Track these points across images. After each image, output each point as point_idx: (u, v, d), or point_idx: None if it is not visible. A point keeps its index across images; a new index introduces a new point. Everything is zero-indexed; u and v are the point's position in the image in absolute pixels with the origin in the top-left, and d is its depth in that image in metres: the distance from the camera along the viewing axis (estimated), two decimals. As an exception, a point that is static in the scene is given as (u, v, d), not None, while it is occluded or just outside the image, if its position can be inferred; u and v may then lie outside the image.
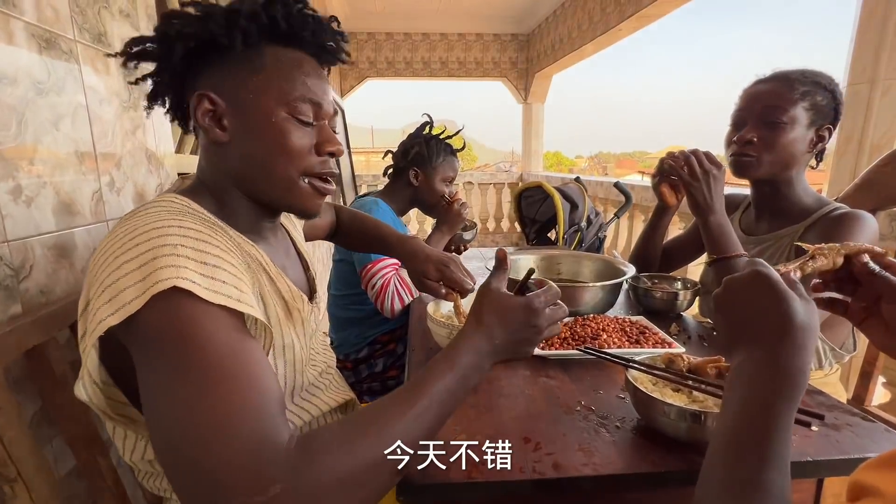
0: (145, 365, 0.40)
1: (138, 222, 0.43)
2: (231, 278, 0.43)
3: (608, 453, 0.52)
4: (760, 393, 0.37)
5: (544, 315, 0.51)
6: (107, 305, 0.39)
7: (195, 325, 0.39)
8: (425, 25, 4.88)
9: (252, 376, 0.39)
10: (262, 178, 0.54)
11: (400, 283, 1.06)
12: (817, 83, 0.84)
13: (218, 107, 0.51)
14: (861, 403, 1.02)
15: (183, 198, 0.52)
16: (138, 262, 0.40)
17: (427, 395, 0.43)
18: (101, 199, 0.84)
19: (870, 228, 0.80)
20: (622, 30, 3.22)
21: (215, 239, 0.45)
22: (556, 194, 1.75)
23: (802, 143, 0.85)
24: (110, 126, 0.87)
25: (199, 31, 0.50)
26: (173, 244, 0.41)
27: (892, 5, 1.32)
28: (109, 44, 0.87)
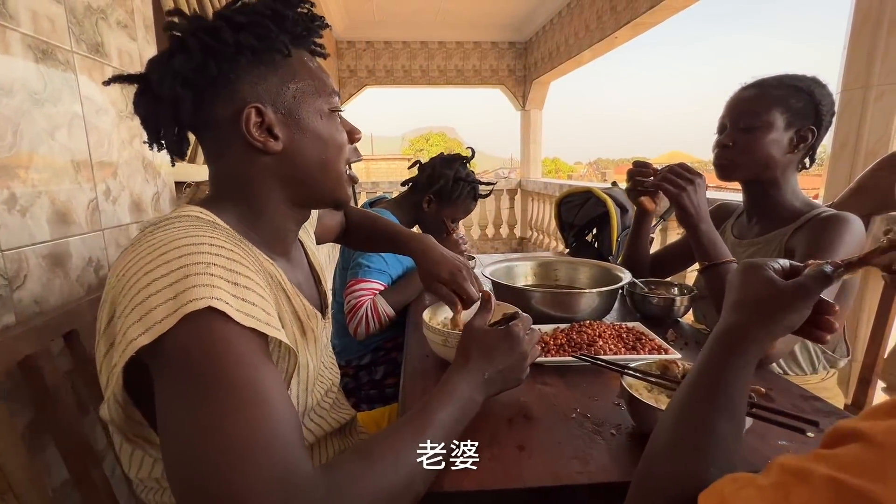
0: (168, 385, 0.38)
1: (167, 236, 0.42)
2: (259, 300, 0.42)
3: (604, 461, 0.51)
4: (717, 350, 0.43)
5: (526, 341, 0.56)
6: (137, 325, 0.37)
7: (226, 347, 0.38)
8: (423, 34, 4.92)
9: (277, 404, 0.39)
10: (320, 176, 0.54)
11: (371, 309, 1.06)
12: (793, 87, 0.86)
13: (266, 117, 0.49)
14: (859, 409, 1.01)
15: (207, 211, 0.50)
16: (170, 280, 0.38)
17: (433, 424, 0.46)
18: (97, 209, 0.84)
19: (856, 230, 0.80)
20: (618, 37, 3.25)
21: (243, 258, 0.44)
22: (608, 199, 1.76)
23: (779, 144, 0.87)
24: (107, 135, 0.87)
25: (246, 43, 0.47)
26: (206, 262, 0.40)
27: (883, 13, 1.33)
28: (107, 54, 0.88)
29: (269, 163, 0.51)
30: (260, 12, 0.49)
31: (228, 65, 0.48)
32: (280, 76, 0.51)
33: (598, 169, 43.51)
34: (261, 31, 0.48)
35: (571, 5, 3.89)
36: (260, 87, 0.49)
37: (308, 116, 0.52)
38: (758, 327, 0.42)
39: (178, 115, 0.49)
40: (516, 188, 4.97)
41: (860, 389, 1.03)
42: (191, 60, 0.47)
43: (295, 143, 0.52)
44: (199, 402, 0.37)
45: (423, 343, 0.82)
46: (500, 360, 0.55)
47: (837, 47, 1.50)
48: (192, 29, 0.48)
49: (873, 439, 0.26)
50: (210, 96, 0.49)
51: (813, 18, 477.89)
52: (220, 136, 0.51)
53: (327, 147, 0.54)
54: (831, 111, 0.87)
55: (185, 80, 0.47)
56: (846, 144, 1.44)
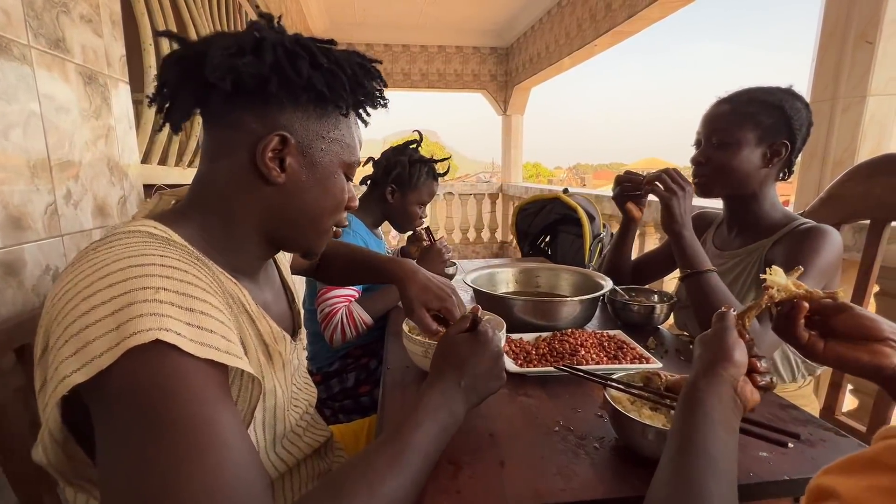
0: (111, 428, 0.34)
1: (110, 255, 0.37)
2: (218, 326, 0.38)
3: (587, 477, 0.50)
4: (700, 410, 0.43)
5: (498, 339, 0.55)
6: (72, 359, 0.33)
7: (178, 384, 0.34)
8: (406, 37, 4.91)
9: (235, 446, 0.35)
10: (304, 223, 0.53)
11: (347, 316, 1.04)
12: (765, 102, 0.87)
13: (287, 148, 0.48)
14: (832, 413, 1.04)
15: (162, 226, 0.46)
16: (111, 307, 0.34)
17: (409, 447, 0.43)
18: (56, 213, 0.79)
19: (834, 242, 0.82)
20: (597, 45, 3.30)
21: (200, 279, 0.40)
22: (578, 206, 1.77)
23: (752, 160, 0.88)
24: (68, 135, 0.82)
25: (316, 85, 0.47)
26: (154, 287, 0.35)
27: (849, 30, 1.38)
28: (68, 50, 0.83)
29: (262, 190, 0.49)
30: (342, 67, 0.49)
31: (287, 92, 0.47)
32: (322, 124, 0.51)
33: (577, 174, 44.24)
34: (334, 84, 0.48)
35: (552, 13, 3.94)
36: (298, 124, 0.49)
37: (324, 168, 0.52)
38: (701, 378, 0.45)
39: (208, 100, 0.46)
40: (497, 192, 4.99)
41: (831, 394, 1.05)
42: (258, 68, 0.45)
43: (299, 184, 0.50)
44: (146, 448, 0.32)
45: (403, 354, 0.80)
46: (474, 365, 0.53)
47: (807, 56, 1.55)
48: (274, 42, 0.46)
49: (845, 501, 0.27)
50: (250, 102, 0.47)
51: (785, 29, 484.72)
52: (231, 140, 0.48)
53: (326, 200, 0.53)
54: (806, 122, 0.88)
55: (240, 78, 0.45)
56: (815, 154, 1.48)
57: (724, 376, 0.44)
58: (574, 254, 1.81)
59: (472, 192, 4.93)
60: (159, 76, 0.48)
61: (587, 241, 1.74)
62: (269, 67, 0.45)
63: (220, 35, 0.47)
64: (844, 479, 0.28)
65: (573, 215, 1.80)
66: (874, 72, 1.34)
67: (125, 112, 1.03)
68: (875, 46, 1.33)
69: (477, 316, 0.58)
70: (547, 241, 1.95)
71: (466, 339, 0.55)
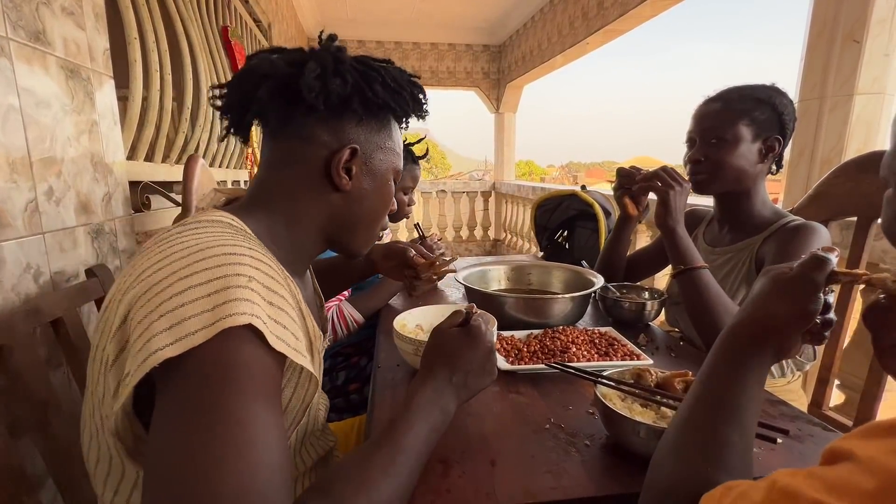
0: (175, 404, 0.34)
1: (202, 241, 0.40)
2: (290, 323, 0.40)
3: (577, 475, 0.50)
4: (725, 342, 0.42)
5: (490, 334, 0.55)
6: (166, 334, 0.34)
7: (249, 373, 0.35)
8: (398, 34, 4.88)
9: (275, 447, 0.35)
10: (362, 228, 0.58)
11: (338, 314, 1.04)
12: (756, 99, 0.88)
13: (354, 160, 0.52)
14: (819, 408, 1.05)
15: (238, 220, 0.48)
16: (208, 289, 0.35)
17: (402, 450, 0.43)
18: (37, 210, 0.77)
19: (823, 239, 0.83)
20: (589, 43, 3.31)
21: (278, 274, 0.42)
22: (594, 202, 1.77)
23: (749, 156, 0.89)
24: (49, 131, 0.80)
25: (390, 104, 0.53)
26: (248, 276, 0.38)
27: (836, 29, 1.39)
28: (49, 43, 0.81)
29: (330, 196, 0.53)
30: (402, 85, 0.54)
31: (365, 109, 0.52)
32: (382, 136, 0.55)
33: (570, 172, 44.43)
34: (400, 101, 0.54)
35: (545, 10, 3.94)
36: (364, 136, 0.53)
37: (381, 175, 0.56)
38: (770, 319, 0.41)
39: (290, 117, 0.51)
40: (490, 190, 4.99)
41: (818, 389, 1.06)
42: (344, 89, 0.49)
43: (362, 192, 0.55)
44: (202, 431, 0.33)
45: (394, 352, 0.79)
46: (466, 361, 0.52)
47: (795, 56, 1.56)
48: (350, 65, 0.51)
49: (863, 461, 0.26)
50: (326, 118, 0.51)
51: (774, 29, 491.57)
52: (304, 152, 0.52)
53: (381, 206, 0.58)
54: (793, 118, 0.90)
55: (329, 100, 0.49)
56: (803, 153, 1.50)
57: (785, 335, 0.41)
58: (590, 248, 1.82)
59: (465, 190, 4.93)
60: (240, 89, 0.51)
61: (602, 235, 1.76)
62: (351, 89, 0.50)
63: (283, 50, 0.52)
64: (862, 443, 0.28)
65: (590, 211, 1.82)
66: (861, 71, 1.36)
67: (109, 107, 1.01)
68: (862, 46, 1.34)
69: (469, 312, 0.58)
70: (564, 235, 1.97)
71: (457, 334, 0.54)
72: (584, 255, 1.75)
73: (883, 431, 0.27)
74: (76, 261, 0.87)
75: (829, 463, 0.29)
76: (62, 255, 0.83)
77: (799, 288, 0.41)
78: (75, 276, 0.86)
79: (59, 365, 0.80)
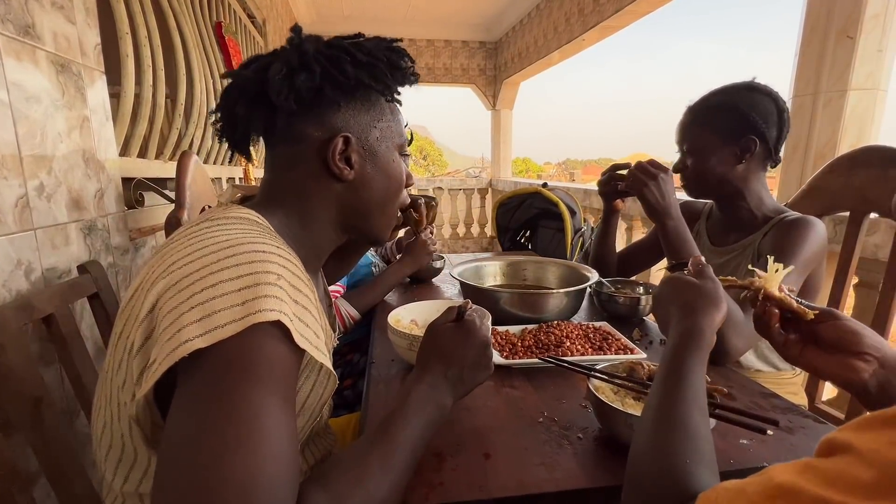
0: (194, 395, 0.35)
1: (231, 237, 0.40)
2: (313, 322, 0.41)
3: (570, 467, 0.50)
4: (676, 350, 0.48)
5: (485, 328, 0.55)
6: (196, 325, 0.35)
7: (270, 368, 0.36)
8: (393, 31, 4.85)
9: (286, 442, 0.36)
10: (376, 212, 0.57)
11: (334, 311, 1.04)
12: (718, 107, 0.90)
13: (350, 147, 0.52)
14: (812, 401, 1.06)
15: (262, 218, 0.49)
16: (239, 284, 0.36)
17: (400, 445, 0.43)
18: (28, 206, 0.76)
19: (819, 233, 0.83)
20: (585, 40, 3.31)
21: (303, 273, 0.43)
22: (559, 201, 1.77)
23: (724, 161, 0.90)
24: (39, 126, 0.80)
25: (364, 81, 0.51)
26: (277, 273, 0.38)
27: (830, 25, 1.40)
28: (39, 37, 0.80)
29: (335, 187, 0.53)
30: (377, 56, 0.52)
31: (342, 94, 0.51)
32: (372, 114, 0.54)
33: (566, 169, 44.45)
34: (376, 74, 0.51)
35: (541, 7, 3.93)
36: (353, 120, 0.52)
37: (384, 155, 0.55)
38: (702, 319, 0.50)
39: (274, 123, 0.50)
40: (487, 187, 4.99)
41: (811, 383, 1.07)
42: (312, 81, 0.48)
43: (366, 176, 0.54)
44: (218, 419, 0.33)
45: (389, 348, 0.79)
46: (461, 356, 0.52)
47: (790, 52, 1.57)
48: (314, 54, 0.49)
49: (861, 452, 0.26)
50: (306, 114, 0.51)
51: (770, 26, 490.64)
52: (300, 152, 0.52)
53: (391, 185, 0.57)
54: (773, 111, 0.87)
55: (300, 96, 0.48)
56: (797, 147, 1.51)
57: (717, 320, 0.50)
58: (554, 248, 1.81)
59: (462, 188, 4.93)
60: (226, 110, 0.52)
61: (568, 235, 1.74)
62: (321, 78, 0.49)
63: (257, 58, 0.51)
64: (861, 434, 0.28)
65: (554, 209, 1.80)
66: (855, 66, 1.36)
67: (101, 103, 1.00)
68: (856, 41, 1.35)
69: (463, 307, 0.58)
70: (527, 235, 1.95)
71: (453, 329, 0.54)
72: (548, 255, 1.75)
73: (880, 423, 0.27)
74: (68, 257, 0.87)
75: (825, 455, 0.29)
76: (54, 252, 0.82)
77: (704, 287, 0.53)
78: (67, 272, 0.86)
79: (52, 362, 0.79)
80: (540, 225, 1.90)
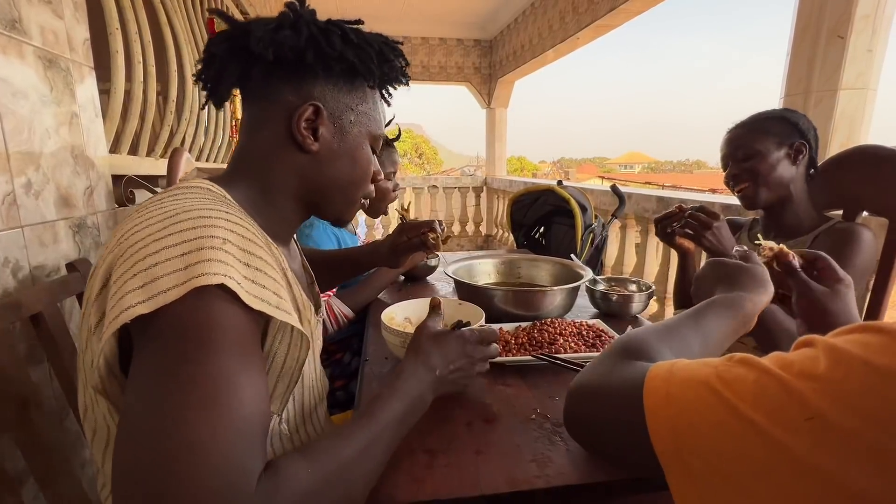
0: (149, 360, 0.35)
1: (179, 205, 0.41)
2: (271, 283, 0.41)
3: (562, 463, 0.50)
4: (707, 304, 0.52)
5: (478, 347, 0.59)
6: (139, 291, 0.35)
7: (222, 332, 0.36)
8: (388, 28, 4.80)
9: (248, 404, 0.36)
10: (336, 193, 0.57)
11: (327, 310, 1.03)
12: (770, 117, 0.96)
13: (320, 118, 0.52)
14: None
15: (217, 186, 0.49)
16: (181, 250, 0.36)
17: (383, 427, 0.45)
18: (15, 203, 0.75)
19: (869, 243, 0.86)
20: (580, 38, 3.31)
21: (257, 237, 0.43)
22: (571, 198, 1.77)
23: (780, 163, 0.94)
24: (26, 122, 0.78)
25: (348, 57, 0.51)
26: (222, 238, 0.38)
27: (821, 25, 1.41)
28: (25, 31, 0.79)
29: (297, 158, 0.53)
30: (370, 43, 0.53)
31: (322, 64, 0.51)
32: (352, 97, 0.54)
33: (561, 168, 44.58)
34: (364, 57, 0.52)
35: (535, 5, 3.93)
36: (329, 95, 0.53)
37: (354, 139, 0.55)
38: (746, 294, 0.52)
39: (249, 73, 0.50)
40: (482, 186, 4.99)
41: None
42: (296, 40, 0.49)
43: (331, 153, 0.54)
44: (172, 387, 0.34)
45: (383, 345, 0.79)
46: (452, 360, 0.56)
47: (777, 57, 1.57)
48: (308, 20, 0.50)
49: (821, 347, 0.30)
50: (287, 75, 0.51)
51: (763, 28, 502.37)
52: (269, 112, 0.52)
53: (355, 169, 0.57)
54: (812, 128, 0.96)
55: (280, 50, 0.48)
56: (789, 147, 1.52)
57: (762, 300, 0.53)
58: (568, 244, 1.82)
59: (457, 186, 4.93)
60: (207, 51, 0.52)
61: (579, 231, 1.75)
62: (305, 40, 0.49)
63: (260, 18, 0.51)
64: (829, 336, 0.31)
65: (566, 206, 1.81)
66: (845, 66, 1.37)
67: (90, 99, 0.99)
68: (846, 41, 1.36)
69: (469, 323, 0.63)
70: (541, 231, 1.96)
71: (453, 335, 0.58)
72: (562, 251, 1.76)
73: (848, 331, 0.30)
74: (57, 255, 0.86)
75: (794, 348, 0.32)
76: (42, 250, 0.81)
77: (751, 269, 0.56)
78: (56, 270, 0.85)
79: (40, 361, 0.78)
80: (554, 222, 1.92)
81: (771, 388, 0.29)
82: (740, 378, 0.31)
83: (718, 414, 0.31)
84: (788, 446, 0.27)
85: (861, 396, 0.26)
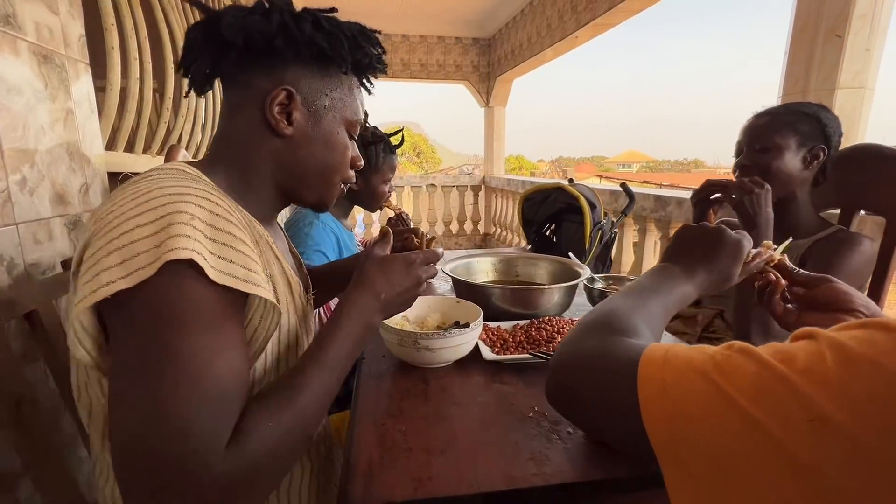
0: (130, 335, 0.38)
1: (151, 185, 0.42)
2: (238, 256, 0.42)
3: (559, 461, 0.50)
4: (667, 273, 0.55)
5: (423, 268, 0.59)
6: (117, 268, 0.37)
7: (191, 307, 0.38)
8: (387, 26, 4.83)
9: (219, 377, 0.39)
10: (312, 177, 0.57)
11: (324, 310, 1.04)
12: (801, 112, 0.93)
13: (293, 103, 0.53)
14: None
15: (193, 168, 0.50)
16: (153, 228, 0.38)
17: (331, 368, 0.48)
18: (10, 200, 0.75)
19: (865, 253, 0.86)
20: (579, 37, 3.31)
21: (229, 213, 0.44)
22: (580, 195, 1.78)
23: (793, 163, 0.92)
24: (21, 118, 0.78)
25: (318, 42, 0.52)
26: (191, 214, 0.40)
27: (819, 24, 1.41)
28: (20, 27, 0.79)
29: (273, 142, 0.54)
30: (343, 31, 0.54)
31: (292, 49, 0.51)
32: (325, 82, 0.55)
33: (559, 166, 44.63)
34: (335, 43, 0.53)
35: (534, 3, 3.93)
36: (303, 80, 0.53)
37: (328, 124, 0.56)
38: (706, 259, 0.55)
39: (221, 59, 0.52)
40: (480, 184, 4.99)
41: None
42: (266, 26, 0.50)
43: (306, 138, 0.55)
44: (152, 359, 0.37)
45: (380, 343, 0.79)
46: (398, 283, 0.57)
47: (776, 57, 1.58)
48: (280, 7, 0.51)
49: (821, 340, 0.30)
50: (259, 60, 0.52)
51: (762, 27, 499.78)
52: (244, 98, 0.53)
53: (331, 154, 0.57)
54: (838, 132, 0.93)
55: (249, 36, 0.49)
56: (787, 146, 1.52)
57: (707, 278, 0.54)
58: (578, 241, 1.82)
59: (455, 185, 4.92)
60: (185, 39, 0.53)
61: (587, 228, 1.76)
62: (275, 26, 0.50)
63: (235, 5, 0.52)
64: (831, 330, 0.31)
65: (576, 204, 1.82)
66: (843, 65, 1.38)
67: (86, 95, 0.98)
68: (844, 40, 1.36)
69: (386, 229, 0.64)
70: (552, 229, 1.96)
71: (398, 258, 0.58)
72: (572, 248, 1.76)
73: (847, 327, 0.30)
74: (52, 252, 0.85)
75: (792, 340, 0.32)
76: (37, 247, 0.81)
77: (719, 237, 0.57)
78: (51, 268, 0.84)
79: (35, 359, 0.78)
80: (565, 219, 1.92)
81: (772, 384, 0.29)
82: (739, 369, 0.31)
83: (716, 406, 0.30)
84: (787, 445, 0.27)
85: (866, 399, 0.25)
